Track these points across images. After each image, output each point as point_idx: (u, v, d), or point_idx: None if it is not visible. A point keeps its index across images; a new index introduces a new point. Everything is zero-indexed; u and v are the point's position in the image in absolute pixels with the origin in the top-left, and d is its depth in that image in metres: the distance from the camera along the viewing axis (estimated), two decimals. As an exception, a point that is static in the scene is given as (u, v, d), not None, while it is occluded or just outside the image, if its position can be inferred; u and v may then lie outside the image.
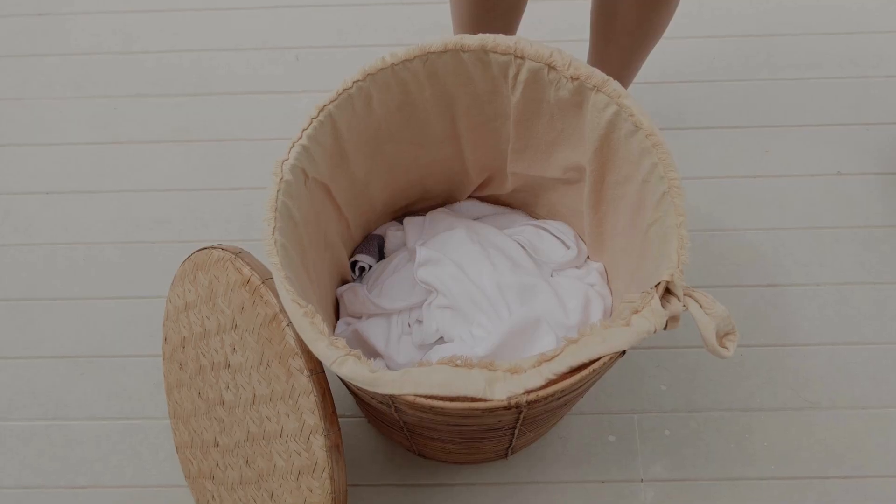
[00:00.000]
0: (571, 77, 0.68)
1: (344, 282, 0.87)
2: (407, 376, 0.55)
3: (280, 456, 0.66)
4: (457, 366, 0.56)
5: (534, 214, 0.92)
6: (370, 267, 0.88)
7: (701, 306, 0.58)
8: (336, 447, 0.62)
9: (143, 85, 1.17)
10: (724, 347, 0.58)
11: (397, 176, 0.84)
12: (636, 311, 0.57)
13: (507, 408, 0.55)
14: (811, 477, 0.83)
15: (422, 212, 0.91)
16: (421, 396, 0.56)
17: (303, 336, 0.58)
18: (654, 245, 0.66)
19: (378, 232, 0.91)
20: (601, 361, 0.57)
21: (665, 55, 1.13)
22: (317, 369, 0.62)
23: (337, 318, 0.85)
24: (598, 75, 0.67)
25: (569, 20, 1.20)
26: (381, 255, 0.89)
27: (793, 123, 1.08)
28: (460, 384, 0.55)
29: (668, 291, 0.59)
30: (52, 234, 1.03)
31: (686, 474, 0.83)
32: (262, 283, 0.64)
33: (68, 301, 0.98)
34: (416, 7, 1.23)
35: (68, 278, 1.00)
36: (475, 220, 0.91)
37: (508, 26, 0.88)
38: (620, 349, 0.56)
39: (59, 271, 1.00)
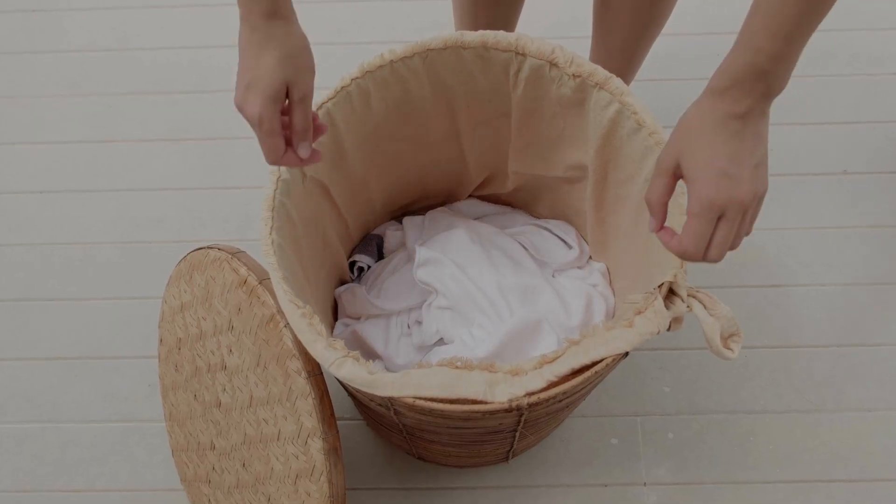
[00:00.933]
0: (573, 74, 0.67)
1: (342, 282, 0.86)
2: (406, 378, 0.55)
3: (277, 459, 0.65)
4: (457, 367, 0.55)
5: (535, 214, 0.91)
6: (369, 267, 0.87)
7: (705, 307, 0.57)
8: (334, 450, 0.61)
9: (139, 82, 1.16)
10: (729, 349, 0.58)
11: (397, 175, 0.83)
12: (639, 312, 0.56)
13: (509, 410, 0.55)
14: (816, 480, 0.82)
15: (421, 211, 0.91)
16: (420, 399, 0.55)
17: (301, 337, 0.58)
18: (658, 245, 0.65)
19: (377, 232, 0.90)
20: (603, 363, 0.56)
21: (668, 51, 1.12)
22: (315, 371, 0.61)
23: (335, 319, 0.84)
24: (600, 73, 0.66)
25: (571, 12, 1.19)
26: (380, 256, 0.88)
27: (798, 121, 1.08)
28: (461, 386, 0.54)
29: (671, 292, 0.58)
30: (48, 233, 1.02)
31: (689, 477, 0.83)
32: (260, 283, 0.63)
33: (64, 302, 0.97)
34: (415, 4, 1.22)
35: (64, 279, 0.99)
36: (476, 219, 0.90)
37: (509, 14, 0.87)
38: (623, 351, 0.56)
39: (55, 271, 0.99)
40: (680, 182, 0.53)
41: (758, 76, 0.45)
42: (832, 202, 1.00)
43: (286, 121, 0.54)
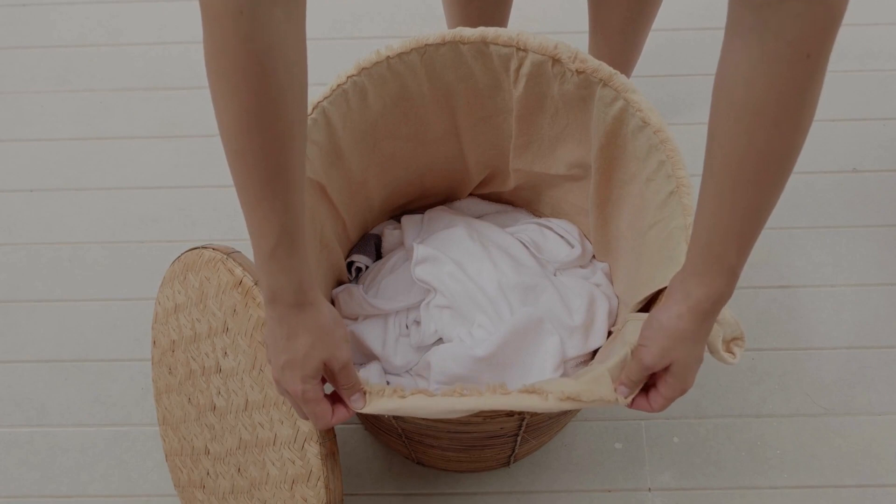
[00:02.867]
0: (577, 70, 0.66)
1: (340, 283, 0.85)
2: (407, 403, 0.54)
3: (273, 464, 0.64)
4: (462, 396, 0.53)
5: (537, 212, 0.90)
6: (366, 267, 0.85)
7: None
8: (332, 455, 0.60)
9: (129, 78, 1.14)
10: (731, 353, 0.58)
11: (395, 174, 0.82)
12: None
13: (510, 414, 0.55)
14: (825, 486, 0.81)
15: (421, 210, 0.90)
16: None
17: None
18: (657, 247, 0.65)
19: (375, 231, 0.89)
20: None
21: (673, 47, 1.11)
22: (312, 375, 0.59)
23: (333, 320, 0.83)
24: (604, 69, 0.66)
25: (568, 5, 1.17)
26: (378, 255, 0.87)
27: (805, 118, 1.06)
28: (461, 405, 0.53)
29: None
30: (36, 233, 1.01)
31: (695, 483, 0.82)
32: (255, 284, 0.62)
33: (52, 303, 0.96)
34: (414, -3, 1.21)
35: (52, 279, 0.97)
36: (476, 218, 0.89)
37: (495, 12, 0.87)
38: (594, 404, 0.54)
39: (43, 272, 0.98)
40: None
41: (731, 284, 0.51)
42: (841, 201, 0.99)
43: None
